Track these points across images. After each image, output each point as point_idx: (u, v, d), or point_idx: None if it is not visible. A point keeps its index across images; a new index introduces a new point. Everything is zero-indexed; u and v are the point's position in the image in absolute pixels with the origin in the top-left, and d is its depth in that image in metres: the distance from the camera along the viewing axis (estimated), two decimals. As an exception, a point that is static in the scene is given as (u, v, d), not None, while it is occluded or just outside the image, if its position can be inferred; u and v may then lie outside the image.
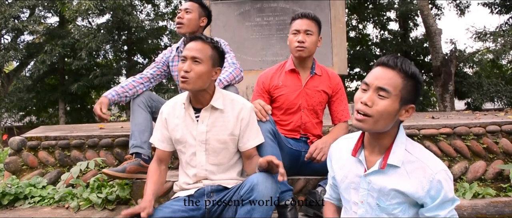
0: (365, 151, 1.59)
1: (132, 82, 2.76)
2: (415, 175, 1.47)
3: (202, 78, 1.91)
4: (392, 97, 1.43)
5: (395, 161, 1.49)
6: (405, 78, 1.44)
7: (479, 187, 2.62)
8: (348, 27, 13.17)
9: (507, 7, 12.51)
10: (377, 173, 1.53)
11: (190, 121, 2.01)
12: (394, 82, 1.44)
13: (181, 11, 2.85)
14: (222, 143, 1.99)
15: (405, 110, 1.49)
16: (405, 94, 1.45)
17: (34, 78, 13.29)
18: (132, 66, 12.93)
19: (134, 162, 2.51)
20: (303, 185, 2.51)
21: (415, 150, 1.52)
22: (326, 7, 4.74)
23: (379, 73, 1.47)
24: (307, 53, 2.45)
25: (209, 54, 1.94)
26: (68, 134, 3.13)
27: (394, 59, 1.46)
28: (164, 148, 2.09)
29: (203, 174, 2.00)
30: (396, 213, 1.51)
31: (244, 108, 2.03)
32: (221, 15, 4.78)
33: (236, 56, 2.92)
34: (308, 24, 2.45)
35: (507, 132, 2.89)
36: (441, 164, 1.48)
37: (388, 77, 1.44)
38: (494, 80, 11.42)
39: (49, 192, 2.74)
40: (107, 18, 12.48)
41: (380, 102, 1.44)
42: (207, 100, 1.99)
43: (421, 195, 1.45)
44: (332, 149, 1.76)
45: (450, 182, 1.46)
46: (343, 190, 1.65)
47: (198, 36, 1.99)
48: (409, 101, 1.47)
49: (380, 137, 1.53)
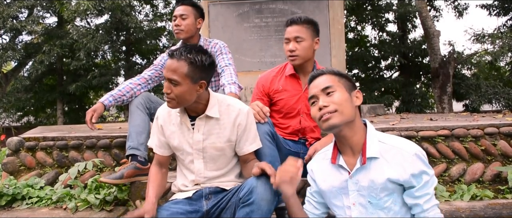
0: (342, 155, 1.66)
1: (129, 85, 2.76)
2: (395, 161, 1.55)
3: (184, 97, 1.84)
4: (338, 89, 1.62)
5: (373, 153, 1.58)
6: (336, 75, 1.67)
7: (477, 189, 2.63)
8: (347, 29, 13.14)
9: (506, 9, 12.53)
10: (360, 170, 1.59)
11: (186, 129, 1.98)
12: (331, 79, 1.65)
13: (176, 18, 2.85)
14: (219, 150, 1.98)
15: (355, 96, 1.66)
16: (345, 84, 1.65)
17: (32, 78, 13.23)
18: (130, 67, 12.90)
19: (130, 166, 2.51)
20: (301, 186, 2.50)
21: (387, 139, 1.62)
22: (325, 9, 4.74)
23: (314, 83, 1.68)
24: (300, 60, 2.41)
25: (184, 72, 1.80)
26: (66, 135, 3.12)
27: (321, 70, 1.71)
28: (162, 153, 2.09)
29: (202, 181, 2.00)
30: (388, 205, 1.56)
31: (241, 113, 1.99)
32: (220, 16, 4.78)
33: (235, 58, 2.93)
34: (298, 30, 2.39)
35: (505, 134, 2.89)
36: (414, 145, 1.57)
37: (324, 79, 1.66)
38: (492, 82, 11.42)
39: (47, 193, 2.74)
40: (106, 18, 12.45)
41: (332, 97, 1.61)
42: (201, 109, 1.95)
43: (406, 178, 1.52)
44: (310, 166, 1.81)
45: (426, 159, 1.56)
46: (333, 198, 1.69)
47: (173, 52, 1.85)
48: (352, 88, 1.67)
49: (351, 135, 1.62)
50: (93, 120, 2.56)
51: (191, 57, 1.82)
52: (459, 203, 2.48)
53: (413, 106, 11.53)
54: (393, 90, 12.56)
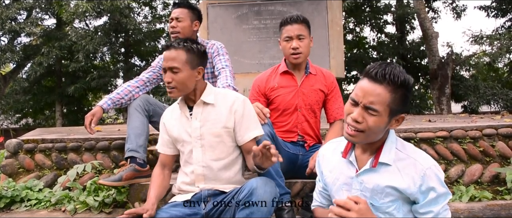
0: (355, 152, 1.61)
1: (127, 88, 2.76)
2: (406, 171, 1.49)
3: (186, 84, 1.95)
4: (382, 113, 1.44)
5: (387, 159, 1.52)
6: (393, 91, 1.43)
7: (476, 190, 2.63)
8: (345, 30, 13.17)
9: (504, 10, 12.59)
10: (368, 172, 1.55)
11: (185, 119, 2.04)
12: (382, 99, 1.42)
13: (172, 20, 2.85)
14: (217, 136, 2.00)
15: (396, 120, 1.51)
16: (394, 106, 1.44)
17: (31, 80, 13.23)
18: (129, 69, 12.90)
19: (129, 168, 2.51)
20: (300, 188, 2.51)
21: (405, 148, 1.55)
22: (324, 10, 4.74)
23: (366, 89, 1.45)
24: (303, 58, 2.45)
25: (184, 59, 1.93)
26: (65, 137, 3.12)
27: (382, 71, 1.43)
28: (164, 151, 2.13)
29: (200, 171, 2.00)
30: (391, 211, 1.53)
31: (237, 100, 2.03)
32: (219, 18, 4.78)
33: (233, 59, 2.93)
34: (299, 28, 2.43)
35: (503, 135, 2.90)
36: (431, 160, 1.51)
37: (376, 94, 1.43)
38: (490, 83, 11.45)
39: (46, 195, 2.73)
40: (105, 20, 12.47)
41: (370, 118, 1.44)
42: (199, 97, 2.02)
43: (413, 190, 1.47)
44: (320, 154, 1.78)
45: (440, 177, 1.48)
46: (335, 192, 1.66)
47: (169, 44, 1.98)
48: (398, 112, 1.48)
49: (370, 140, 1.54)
50: (92, 124, 2.56)
51: (187, 45, 1.97)
52: (457, 204, 2.48)
53: (411, 108, 11.54)
54: (392, 91, 12.54)
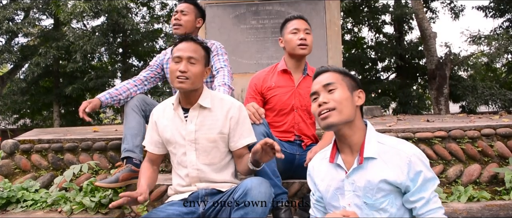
0: (341, 155, 1.65)
1: (126, 85, 2.76)
2: (392, 162, 1.53)
3: (198, 78, 1.96)
4: (339, 87, 1.61)
5: (371, 153, 1.56)
6: (340, 73, 1.66)
7: (474, 190, 2.62)
8: (343, 30, 13.18)
9: (501, 11, 12.60)
10: (357, 170, 1.58)
11: (179, 121, 2.01)
12: (334, 77, 1.64)
13: (177, 13, 2.85)
14: (212, 141, 1.99)
15: (357, 96, 1.65)
16: (348, 83, 1.64)
17: (29, 80, 13.18)
18: (127, 69, 12.88)
19: (125, 169, 2.50)
20: (298, 188, 2.49)
21: (386, 140, 1.61)
22: (322, 10, 4.74)
23: (319, 79, 1.66)
24: (309, 50, 2.49)
25: (202, 54, 1.99)
26: (62, 137, 3.10)
27: (326, 66, 1.71)
28: (152, 150, 2.12)
29: (195, 174, 1.99)
30: (385, 206, 1.54)
31: (233, 107, 2.03)
32: (216, 18, 4.78)
33: (231, 59, 2.92)
34: (305, 24, 2.52)
35: (501, 135, 2.89)
36: (414, 147, 1.56)
37: (327, 76, 1.65)
38: (488, 84, 11.45)
39: (42, 196, 2.72)
40: (102, 20, 12.43)
41: (333, 94, 1.60)
42: (196, 99, 2.00)
43: (403, 179, 1.50)
44: (310, 166, 1.80)
45: (425, 162, 1.54)
46: (330, 199, 1.67)
47: (190, 37, 2.01)
48: (354, 87, 1.65)
49: (350, 135, 1.60)
50: (87, 110, 2.53)
51: (204, 44, 2.04)
52: (456, 204, 2.47)
53: (410, 108, 11.55)
54: (390, 92, 12.59)
